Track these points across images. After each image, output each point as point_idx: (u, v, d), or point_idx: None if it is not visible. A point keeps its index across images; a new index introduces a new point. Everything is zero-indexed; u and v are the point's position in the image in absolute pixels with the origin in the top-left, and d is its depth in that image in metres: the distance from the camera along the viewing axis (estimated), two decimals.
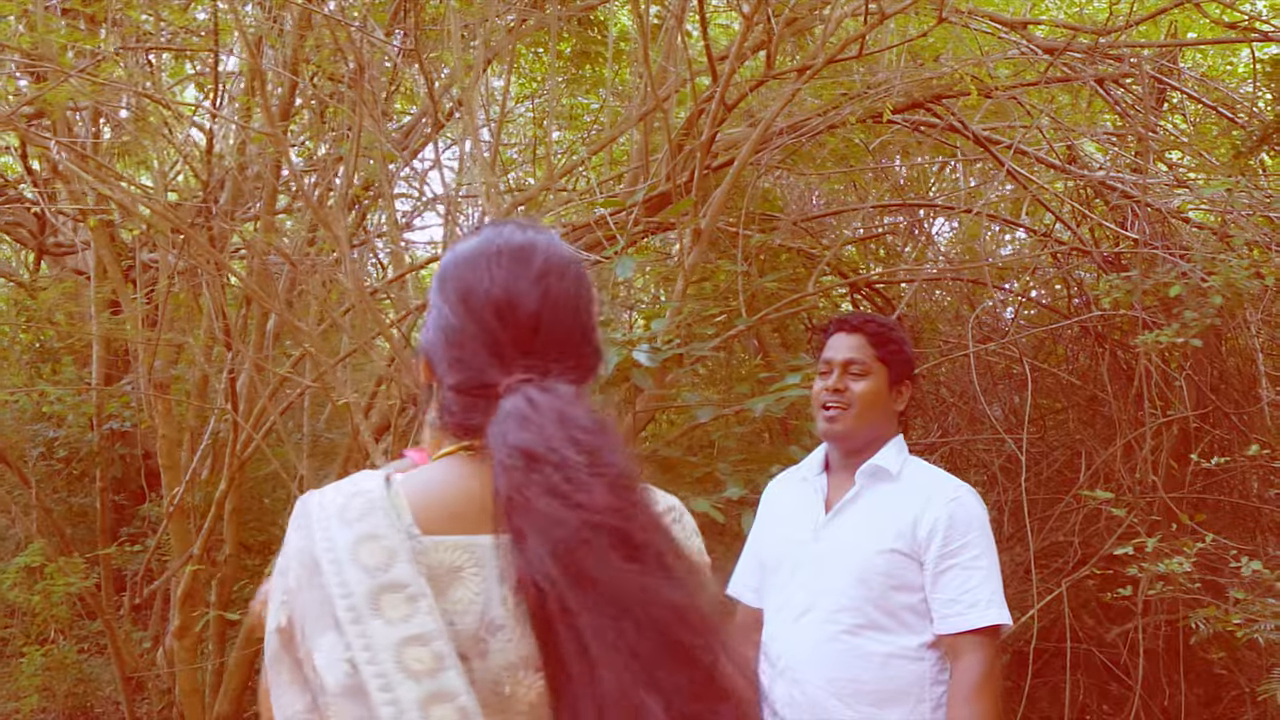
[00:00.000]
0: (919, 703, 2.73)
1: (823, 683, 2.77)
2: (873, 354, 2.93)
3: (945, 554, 2.75)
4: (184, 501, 5.64)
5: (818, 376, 3.00)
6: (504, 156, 7.47)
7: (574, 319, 1.49)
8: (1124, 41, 5.10)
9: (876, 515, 2.85)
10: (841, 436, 2.93)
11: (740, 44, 3.83)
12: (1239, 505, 5.89)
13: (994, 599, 2.73)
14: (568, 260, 1.53)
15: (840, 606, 2.77)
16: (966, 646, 2.70)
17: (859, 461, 2.92)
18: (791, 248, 6.04)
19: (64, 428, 7.31)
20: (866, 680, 2.74)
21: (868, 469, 2.90)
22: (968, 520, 2.79)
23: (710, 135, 4.05)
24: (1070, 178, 5.78)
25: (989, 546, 2.80)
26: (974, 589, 2.72)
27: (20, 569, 6.04)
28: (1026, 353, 6.00)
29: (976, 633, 2.70)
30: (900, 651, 2.75)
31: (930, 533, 2.77)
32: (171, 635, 5.56)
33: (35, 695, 6.34)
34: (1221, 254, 4.19)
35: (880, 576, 2.76)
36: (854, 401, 2.90)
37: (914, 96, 4.94)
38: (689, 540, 1.52)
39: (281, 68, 4.55)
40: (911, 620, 2.76)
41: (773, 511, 3.13)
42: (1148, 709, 5.75)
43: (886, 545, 2.78)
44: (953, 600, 2.73)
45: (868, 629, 2.76)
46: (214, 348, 5.86)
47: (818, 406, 2.97)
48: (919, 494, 2.84)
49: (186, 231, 4.20)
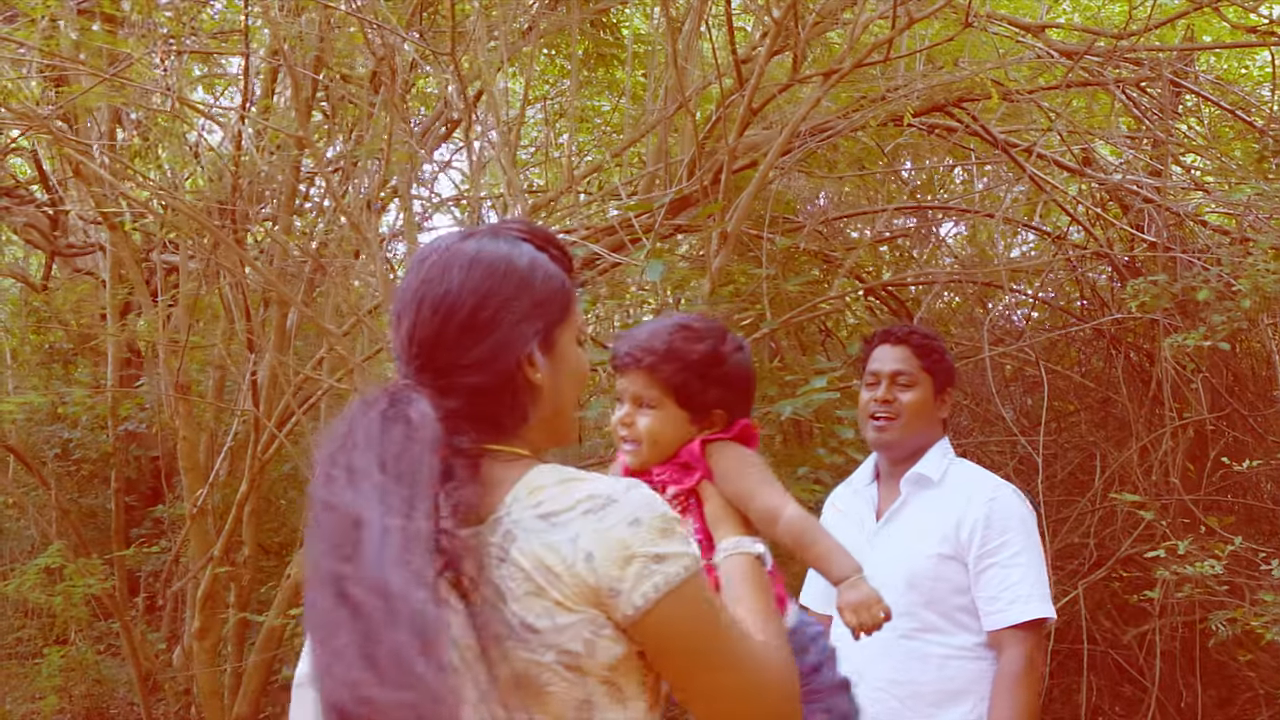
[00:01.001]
0: (980, 701, 2.81)
1: (885, 685, 2.86)
2: (918, 364, 3.04)
3: (985, 553, 2.84)
4: (204, 503, 5.66)
5: (865, 388, 3.10)
6: (517, 159, 7.48)
7: (444, 326, 1.51)
8: (1142, 45, 5.12)
9: (922, 521, 2.95)
10: (891, 445, 3.03)
11: (770, 49, 3.85)
12: (1253, 507, 5.90)
13: (1035, 593, 2.81)
14: (457, 264, 1.54)
15: (896, 612, 2.77)
16: (1009, 641, 2.78)
17: (905, 469, 3.02)
18: (808, 250, 6.05)
19: (79, 429, 7.32)
20: (926, 682, 2.83)
21: (911, 476, 3.00)
22: (1005, 518, 2.87)
23: (737, 139, 4.07)
24: (1087, 181, 5.80)
25: (1029, 542, 2.88)
26: (1014, 585, 2.80)
27: (39, 570, 6.05)
28: (1040, 353, 6.02)
29: (1018, 627, 2.78)
30: (957, 652, 2.84)
31: (971, 533, 2.86)
32: (192, 637, 5.57)
33: (53, 696, 6.35)
34: (1244, 257, 4.21)
35: (930, 580, 2.86)
36: (902, 411, 3.00)
37: (935, 100, 4.96)
38: (603, 532, 1.42)
39: (305, 69, 4.57)
40: (966, 620, 2.85)
41: (832, 521, 3.21)
42: (1163, 710, 5.77)
43: (933, 550, 2.88)
44: (994, 597, 2.81)
45: (924, 632, 2.85)
46: (231, 346, 5.87)
47: (866, 417, 3.06)
48: (959, 496, 2.93)
49: (215, 233, 4.22)
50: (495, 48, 4.86)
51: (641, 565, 1.40)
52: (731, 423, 1.96)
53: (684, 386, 1.93)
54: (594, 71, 7.18)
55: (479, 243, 1.57)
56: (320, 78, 4.97)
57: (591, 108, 7.87)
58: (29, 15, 5.18)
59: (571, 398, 1.63)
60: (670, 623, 1.42)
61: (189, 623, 5.87)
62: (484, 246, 1.56)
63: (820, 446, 4.03)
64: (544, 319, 1.56)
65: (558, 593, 1.40)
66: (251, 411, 5.26)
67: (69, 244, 8.64)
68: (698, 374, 1.93)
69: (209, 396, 6.10)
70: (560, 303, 1.59)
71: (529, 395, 1.55)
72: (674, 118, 5.14)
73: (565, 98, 7.26)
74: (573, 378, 1.62)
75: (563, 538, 1.41)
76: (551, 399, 1.59)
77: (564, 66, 7.11)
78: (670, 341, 1.96)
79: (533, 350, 1.54)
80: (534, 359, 1.55)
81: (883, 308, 7.02)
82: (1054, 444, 6.51)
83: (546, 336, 1.57)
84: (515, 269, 1.55)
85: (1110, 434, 6.47)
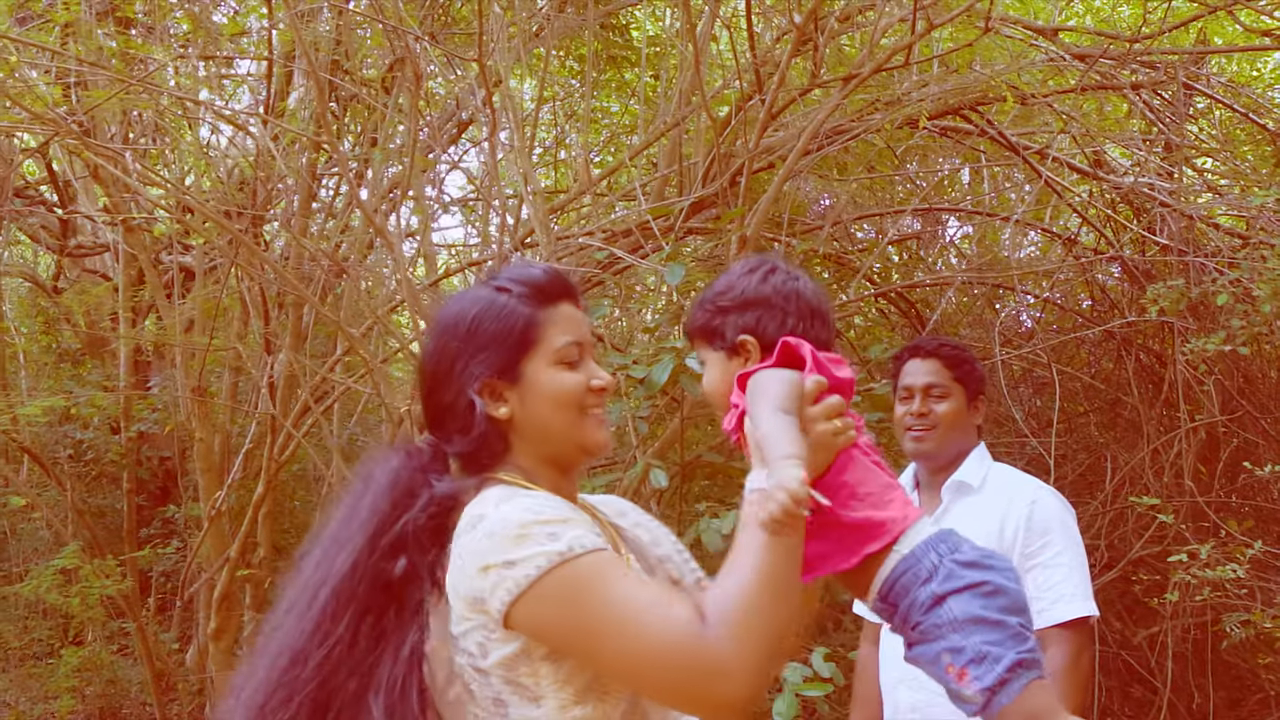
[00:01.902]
0: None
1: (940, 689, 2.85)
2: (949, 375, 3.13)
3: (1028, 554, 2.91)
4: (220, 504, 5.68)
5: (899, 403, 3.19)
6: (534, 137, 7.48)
7: (422, 387, 1.78)
8: (1156, 48, 5.14)
9: (965, 526, 2.89)
10: (929, 455, 3.12)
11: (791, 53, 3.86)
12: (1264, 509, 5.92)
13: (1077, 592, 2.89)
14: (428, 332, 1.82)
15: None
16: (1054, 639, 2.84)
17: (944, 477, 3.10)
18: (821, 253, 6.06)
19: (90, 430, 7.35)
20: None
21: (952, 484, 3.08)
22: (1046, 519, 2.95)
23: (757, 142, 4.09)
24: (1100, 183, 5.82)
25: (1071, 542, 2.95)
26: (1057, 584, 2.88)
27: (56, 571, 6.07)
28: (1050, 355, 6.05)
29: (1062, 626, 2.86)
30: None
31: (1014, 535, 2.93)
32: (208, 637, 5.59)
33: (68, 697, 6.37)
34: (1260, 262, 4.23)
35: None
36: (938, 422, 3.10)
37: (949, 103, 4.98)
38: (469, 547, 1.59)
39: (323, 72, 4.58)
40: None
41: None
42: (1174, 711, 5.79)
43: None
44: (1037, 598, 2.87)
45: None
46: (247, 347, 5.89)
47: (902, 429, 3.15)
48: (1000, 500, 3.00)
49: (236, 235, 4.24)
50: (510, 49, 4.87)
51: (496, 574, 1.54)
52: (770, 348, 1.80)
53: (705, 326, 1.91)
54: (603, 73, 7.20)
55: (453, 303, 1.78)
56: (337, 79, 4.99)
57: (602, 109, 7.89)
58: (42, 16, 5.22)
59: (558, 418, 1.72)
60: (537, 619, 1.54)
61: (204, 623, 5.88)
62: (450, 306, 1.78)
63: None
64: (493, 358, 1.71)
65: (458, 602, 1.60)
66: (267, 412, 5.27)
67: (78, 244, 8.67)
68: (709, 309, 1.90)
69: (224, 397, 6.12)
70: (516, 338, 1.71)
71: (499, 428, 1.72)
72: (687, 120, 5.15)
73: (576, 99, 7.28)
74: (552, 400, 1.72)
75: (454, 554, 1.61)
76: (532, 425, 1.72)
77: (573, 68, 7.12)
78: (700, 296, 1.97)
79: (479, 389, 1.71)
80: (493, 394, 1.71)
81: (893, 309, 7.05)
82: (1064, 445, 6.53)
83: (506, 372, 1.71)
84: (460, 321, 1.73)
85: (1120, 435, 6.49)
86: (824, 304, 1.85)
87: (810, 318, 1.82)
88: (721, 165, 4.66)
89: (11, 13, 5.03)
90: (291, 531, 6.99)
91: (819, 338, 1.80)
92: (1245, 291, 4.26)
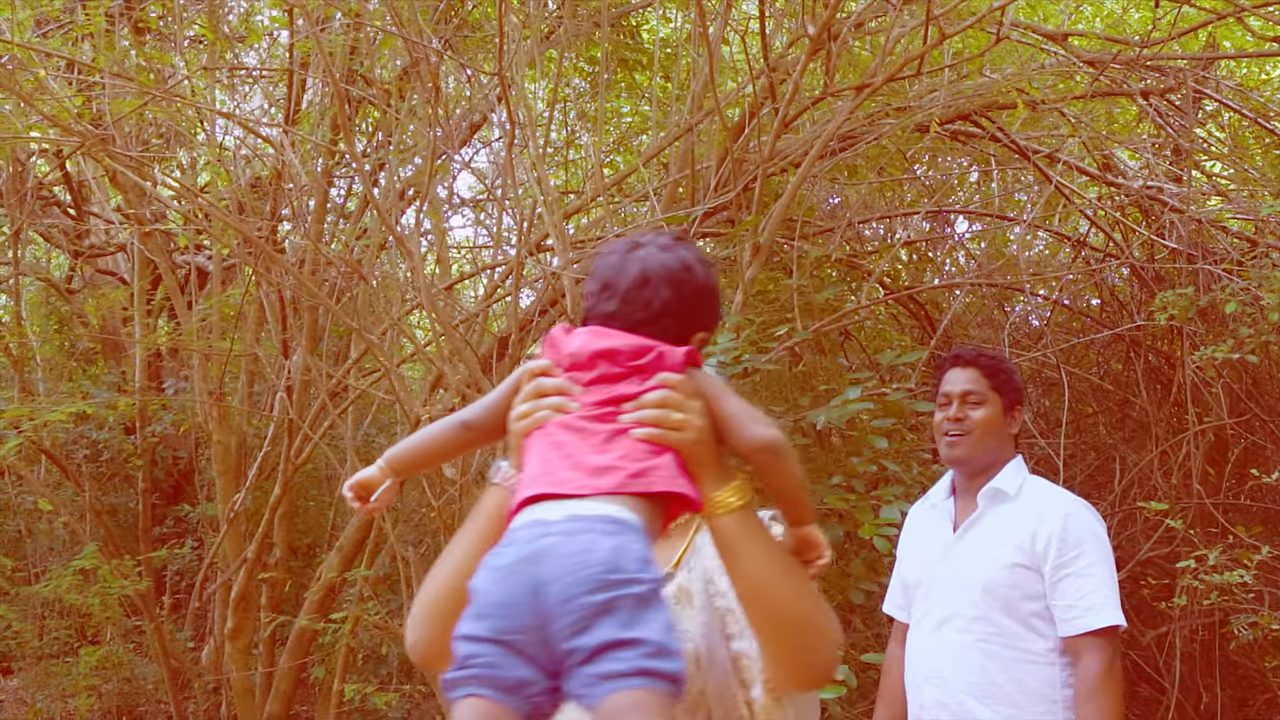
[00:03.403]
0: (1053, 703, 2.99)
1: (964, 686, 3.06)
2: (987, 384, 3.23)
3: (1061, 564, 3.01)
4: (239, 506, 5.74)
5: (937, 409, 3.30)
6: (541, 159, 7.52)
7: None
8: (1164, 54, 5.17)
9: (998, 533, 3.12)
10: (962, 460, 3.23)
11: (804, 62, 3.91)
12: (1271, 512, 5.95)
13: (1108, 602, 2.98)
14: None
15: (974, 617, 3.07)
16: (1086, 647, 2.96)
17: (980, 484, 3.20)
18: (832, 255, 6.09)
19: (106, 430, 7.40)
20: (1003, 683, 3.02)
21: (988, 491, 3.17)
22: (1080, 532, 3.04)
23: (771, 150, 4.13)
24: (1109, 186, 5.86)
25: (1103, 555, 3.05)
26: (1089, 594, 2.98)
27: (75, 572, 6.13)
28: (1060, 356, 6.08)
29: (1094, 634, 2.96)
30: (1031, 656, 3.03)
31: (1046, 545, 3.02)
32: (226, 636, 5.65)
33: (86, 695, 6.43)
34: (1271, 270, 4.27)
35: (1005, 588, 3.04)
36: (973, 428, 3.20)
37: (960, 109, 5.02)
38: None
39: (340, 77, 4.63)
40: (1040, 626, 3.04)
41: (911, 536, 3.44)
42: (1182, 711, 5.83)
43: (1009, 559, 3.05)
44: (1070, 606, 2.99)
45: (1000, 636, 3.04)
46: (263, 350, 5.94)
47: (939, 435, 3.27)
48: (1035, 510, 3.10)
49: (255, 242, 4.29)
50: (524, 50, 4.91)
51: None
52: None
53: None
54: (615, 74, 7.23)
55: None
56: (353, 89, 5.03)
57: (613, 108, 7.92)
58: (57, 21, 5.27)
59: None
60: None
61: (220, 623, 5.94)
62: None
63: (854, 455, 4.10)
64: None
65: None
66: (284, 415, 5.33)
67: (91, 245, 8.73)
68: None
69: (241, 399, 6.18)
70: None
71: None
72: (704, 124, 5.19)
73: (586, 101, 7.31)
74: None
75: None
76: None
77: (583, 69, 7.15)
78: None
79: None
80: None
81: (903, 311, 7.09)
82: (1073, 446, 6.57)
83: None
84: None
85: (1129, 436, 6.52)
86: (617, 273, 1.69)
87: (597, 291, 1.71)
88: (734, 170, 4.70)
89: (30, 25, 5.08)
90: (307, 532, 7.05)
91: (600, 310, 1.69)
92: (1254, 299, 4.30)
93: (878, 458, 3.96)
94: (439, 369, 4.56)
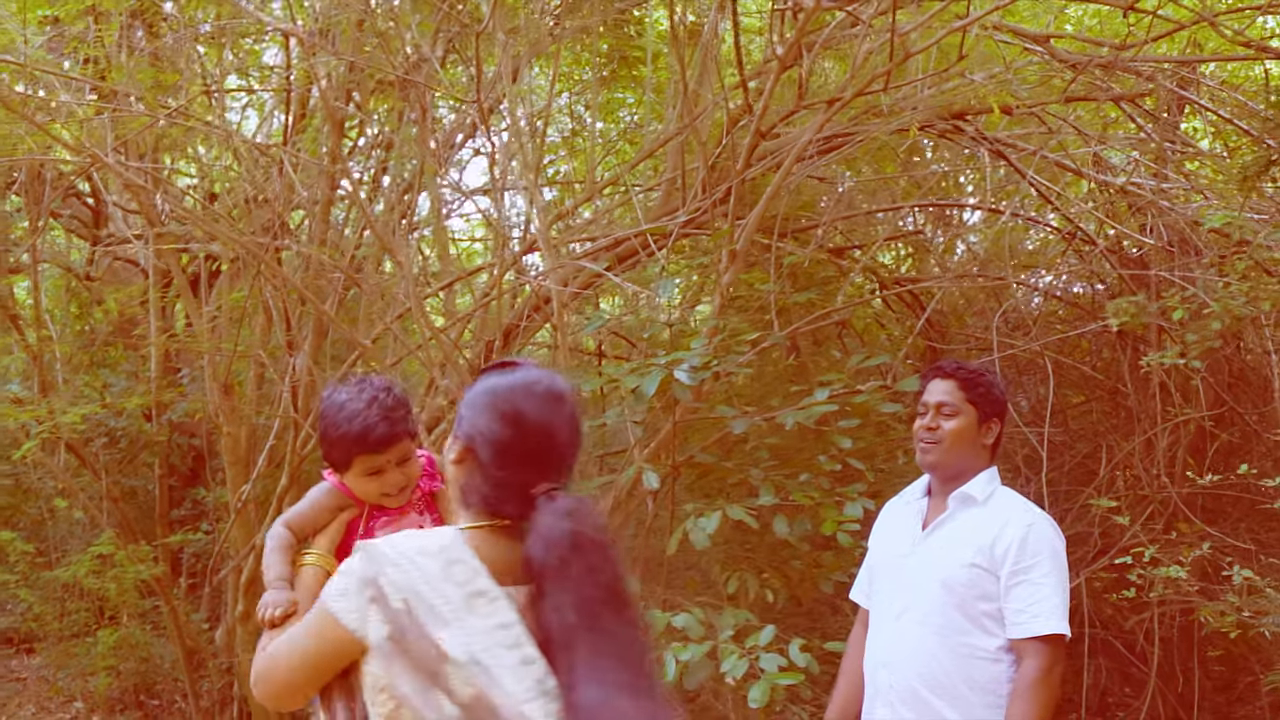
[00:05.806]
0: (998, 698, 3.20)
1: (915, 675, 3.28)
2: (962, 396, 3.41)
3: (1017, 570, 3.20)
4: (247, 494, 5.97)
5: (917, 416, 3.49)
6: (541, 151, 7.65)
7: (579, 447, 2.03)
8: (1143, 56, 5.27)
9: (963, 534, 3.33)
10: (933, 466, 3.43)
11: (774, 80, 4.05)
12: (1253, 502, 6.05)
13: (1056, 611, 3.17)
14: (577, 401, 2.08)
15: (930, 610, 3.29)
16: (1029, 651, 3.16)
17: (953, 488, 3.40)
18: (824, 247, 6.21)
19: (123, 417, 7.61)
20: (951, 674, 3.23)
21: (959, 495, 3.38)
22: (1039, 543, 3.24)
23: (745, 163, 4.29)
24: (1091, 181, 5.96)
25: (1057, 567, 3.24)
26: (1040, 601, 3.17)
27: (94, 557, 6.37)
28: (1050, 346, 6.20)
29: (1039, 639, 3.15)
30: (981, 653, 3.23)
31: (1006, 551, 3.22)
32: (237, 620, 5.89)
33: (105, 675, 6.68)
34: (1225, 277, 4.41)
35: (963, 586, 3.24)
36: (944, 438, 3.39)
37: (940, 113, 5.14)
38: None
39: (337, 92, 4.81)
40: (990, 626, 3.24)
41: (883, 529, 3.65)
42: (1163, 695, 5.98)
43: (969, 560, 3.25)
44: (1020, 610, 3.18)
45: (952, 631, 3.25)
46: (270, 346, 6.15)
47: (916, 441, 3.47)
48: (1001, 518, 3.30)
49: (257, 253, 4.48)
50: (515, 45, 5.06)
51: None
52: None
53: None
54: (616, 70, 7.35)
55: (566, 383, 2.14)
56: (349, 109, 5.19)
57: (617, 100, 8.05)
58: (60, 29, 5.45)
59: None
60: None
61: (232, 606, 6.18)
62: (570, 387, 2.18)
63: (821, 454, 4.28)
64: None
65: None
66: (290, 411, 5.55)
67: (110, 234, 8.95)
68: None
69: (249, 390, 6.39)
70: None
71: None
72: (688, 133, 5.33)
73: (588, 95, 7.45)
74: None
75: None
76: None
77: (588, 59, 7.27)
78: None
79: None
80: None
81: (898, 301, 7.22)
82: (1064, 433, 6.70)
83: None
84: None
85: (1119, 425, 6.64)
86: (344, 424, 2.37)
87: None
88: (715, 180, 4.86)
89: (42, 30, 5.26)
90: None
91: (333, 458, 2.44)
92: (1202, 305, 4.44)
93: (844, 456, 4.14)
94: (430, 374, 4.76)
